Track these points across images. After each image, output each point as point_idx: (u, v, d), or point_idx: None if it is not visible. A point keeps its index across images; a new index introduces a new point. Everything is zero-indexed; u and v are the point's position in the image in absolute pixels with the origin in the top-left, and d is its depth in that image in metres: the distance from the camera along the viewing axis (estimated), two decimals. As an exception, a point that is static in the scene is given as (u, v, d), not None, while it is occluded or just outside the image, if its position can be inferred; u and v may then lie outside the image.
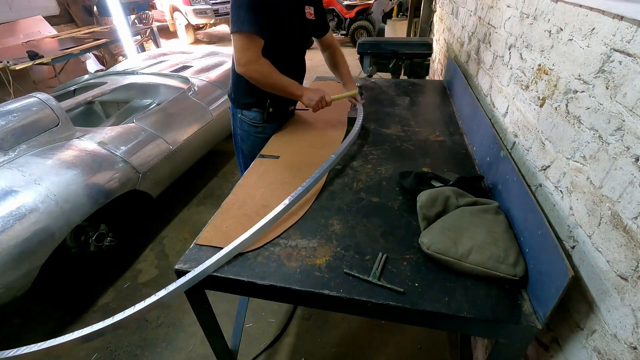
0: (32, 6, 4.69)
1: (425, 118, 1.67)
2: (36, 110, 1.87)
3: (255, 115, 1.49)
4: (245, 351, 1.61)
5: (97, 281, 2.03)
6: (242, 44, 1.23)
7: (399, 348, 1.61)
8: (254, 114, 1.48)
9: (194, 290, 0.91)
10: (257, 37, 1.23)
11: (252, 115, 1.49)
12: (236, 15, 1.20)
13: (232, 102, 1.54)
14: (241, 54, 1.24)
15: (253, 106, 1.48)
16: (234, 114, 1.56)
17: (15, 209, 1.50)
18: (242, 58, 1.25)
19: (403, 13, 6.51)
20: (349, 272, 0.83)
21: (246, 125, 1.52)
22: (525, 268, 0.79)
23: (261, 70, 1.29)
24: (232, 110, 1.57)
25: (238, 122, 1.54)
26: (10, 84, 3.50)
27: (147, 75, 3.07)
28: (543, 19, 1.03)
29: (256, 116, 1.49)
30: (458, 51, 2.19)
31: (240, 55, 1.25)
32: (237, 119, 1.54)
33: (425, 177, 1.13)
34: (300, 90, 1.40)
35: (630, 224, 0.60)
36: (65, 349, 1.67)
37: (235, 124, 1.58)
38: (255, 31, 1.21)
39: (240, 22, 1.19)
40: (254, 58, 1.25)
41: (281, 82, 1.35)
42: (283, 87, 1.36)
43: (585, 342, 0.70)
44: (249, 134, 1.53)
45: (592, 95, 0.75)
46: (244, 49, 1.23)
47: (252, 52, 1.25)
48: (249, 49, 1.24)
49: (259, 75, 1.30)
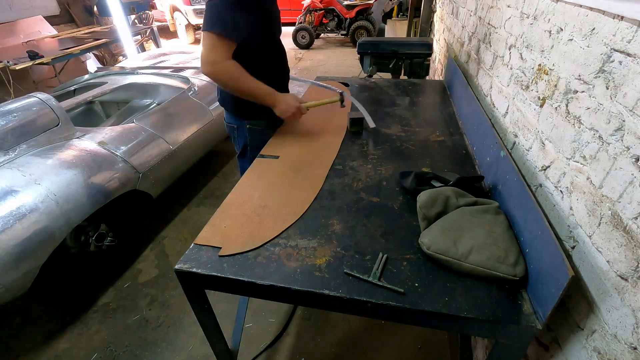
0: (32, 6, 4.69)
1: (426, 118, 1.67)
2: (36, 110, 1.87)
3: (267, 122, 1.39)
4: (245, 351, 1.61)
5: (97, 281, 2.03)
6: (210, 43, 1.15)
7: (399, 348, 1.61)
8: (266, 121, 1.38)
9: (194, 290, 0.91)
10: (227, 39, 1.16)
11: (264, 123, 1.39)
12: (210, 14, 1.13)
13: (239, 115, 1.41)
14: (207, 52, 1.16)
15: (262, 111, 1.36)
16: (239, 127, 1.43)
17: (15, 208, 1.50)
18: (208, 57, 1.16)
19: (403, 13, 6.51)
20: (349, 272, 0.83)
21: (257, 135, 1.41)
22: (525, 268, 0.79)
23: (229, 71, 1.20)
24: (236, 124, 1.43)
25: (247, 133, 1.42)
26: (10, 83, 3.50)
27: (147, 75, 3.07)
28: (543, 19, 1.03)
29: (268, 122, 1.39)
30: (458, 51, 2.19)
31: (207, 54, 1.16)
32: (244, 130, 1.42)
33: (425, 177, 1.13)
34: (273, 98, 1.29)
35: (630, 224, 0.60)
36: (65, 349, 1.68)
37: (241, 137, 1.45)
38: (226, 33, 1.14)
39: (211, 22, 1.13)
40: (220, 59, 1.17)
41: (252, 87, 1.24)
42: (254, 92, 1.26)
43: (585, 342, 0.70)
44: (260, 142, 1.40)
45: (592, 96, 0.75)
46: (211, 47, 1.15)
47: (219, 52, 1.16)
48: (216, 48, 1.15)
49: (227, 77, 1.21)
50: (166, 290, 1.97)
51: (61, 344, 1.70)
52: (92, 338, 1.72)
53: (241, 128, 1.43)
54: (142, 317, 1.82)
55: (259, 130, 1.41)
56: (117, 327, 1.77)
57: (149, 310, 1.85)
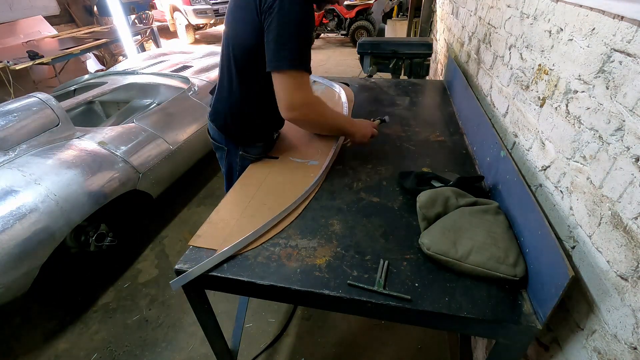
0: (32, 6, 4.70)
1: (426, 118, 1.67)
2: (36, 110, 1.87)
3: (258, 150, 1.31)
4: (245, 351, 1.61)
5: (97, 281, 2.03)
6: (296, 84, 1.00)
7: (399, 348, 1.61)
8: (258, 148, 1.31)
9: (194, 290, 0.91)
10: (307, 73, 1.03)
11: (257, 150, 1.31)
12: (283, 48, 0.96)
13: (232, 139, 1.28)
14: (294, 93, 1.01)
15: (259, 140, 1.29)
16: (229, 150, 1.32)
17: (15, 208, 1.50)
18: (296, 99, 1.02)
19: (403, 13, 6.51)
20: (353, 283, 0.81)
21: (248, 162, 1.33)
22: (525, 268, 0.79)
23: (318, 110, 1.09)
24: (227, 146, 1.31)
25: (238, 159, 1.32)
26: (10, 84, 3.50)
27: (147, 75, 3.07)
28: (543, 19, 1.03)
29: (259, 150, 1.31)
30: (458, 51, 2.19)
31: (293, 95, 1.01)
32: (235, 156, 1.32)
33: (425, 177, 1.13)
34: (353, 130, 1.23)
35: (630, 224, 0.60)
36: (66, 349, 1.68)
37: (232, 162, 1.35)
38: (307, 68, 1.01)
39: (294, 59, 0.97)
40: (309, 97, 1.05)
41: (336, 121, 1.18)
42: (338, 125, 1.19)
43: (585, 343, 0.70)
44: None
45: (592, 96, 0.75)
46: (298, 87, 1.01)
47: (307, 92, 1.04)
48: (303, 88, 1.02)
49: (316, 116, 1.10)
50: (166, 290, 1.97)
51: (61, 344, 1.70)
52: (92, 338, 1.72)
53: (232, 152, 1.32)
54: (142, 317, 1.82)
55: (251, 158, 1.32)
56: (117, 327, 1.77)
57: (149, 310, 1.85)
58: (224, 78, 1.18)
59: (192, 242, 0.94)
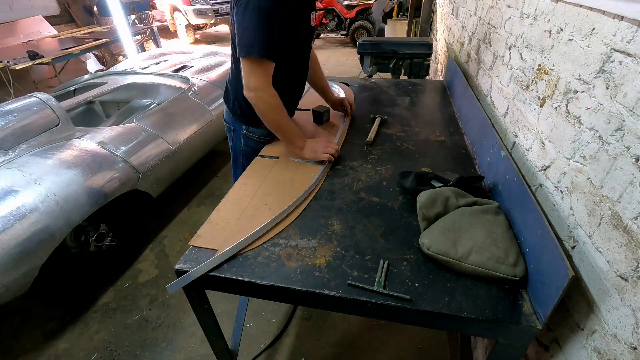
0: (32, 6, 4.70)
1: (426, 118, 1.67)
2: (36, 110, 1.87)
3: (264, 132, 1.37)
4: (245, 351, 1.61)
5: (97, 281, 2.03)
6: (251, 69, 1.12)
7: (399, 348, 1.61)
8: (263, 130, 1.35)
9: (194, 290, 0.91)
10: (267, 61, 1.13)
11: (261, 132, 1.37)
12: (244, 37, 1.08)
13: (237, 118, 1.39)
14: (249, 77, 1.14)
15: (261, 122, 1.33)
16: (235, 129, 1.42)
17: (15, 208, 1.50)
18: (251, 82, 1.14)
19: (403, 13, 6.50)
20: (353, 283, 0.81)
21: (252, 142, 1.40)
22: (525, 268, 0.79)
23: (269, 102, 1.18)
24: (233, 126, 1.43)
25: (242, 139, 1.41)
26: (10, 84, 3.50)
27: (147, 75, 3.07)
28: (543, 19, 1.03)
29: (265, 132, 1.37)
30: (458, 51, 2.19)
31: (249, 79, 1.14)
32: (240, 135, 1.41)
33: (425, 177, 1.13)
34: (301, 145, 1.27)
35: (630, 224, 0.60)
36: (66, 349, 1.68)
37: (237, 141, 1.44)
38: (265, 55, 1.10)
39: (249, 46, 1.08)
40: (262, 85, 1.15)
41: (284, 124, 1.24)
42: (285, 129, 1.26)
43: (585, 342, 0.70)
44: (255, 151, 1.39)
45: (592, 95, 0.75)
46: (252, 72, 1.13)
47: (260, 78, 1.14)
48: (257, 73, 1.13)
49: (265, 106, 1.19)
50: (166, 290, 1.97)
51: (61, 344, 1.70)
52: (92, 338, 1.72)
53: (237, 131, 1.42)
54: (142, 317, 1.82)
55: (254, 139, 1.40)
56: (117, 327, 1.77)
57: (149, 310, 1.85)
58: (232, 62, 1.32)
59: (192, 242, 0.94)
